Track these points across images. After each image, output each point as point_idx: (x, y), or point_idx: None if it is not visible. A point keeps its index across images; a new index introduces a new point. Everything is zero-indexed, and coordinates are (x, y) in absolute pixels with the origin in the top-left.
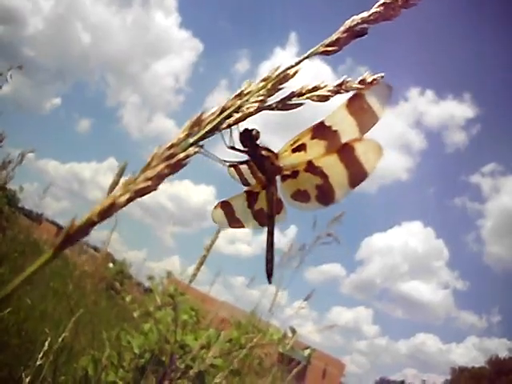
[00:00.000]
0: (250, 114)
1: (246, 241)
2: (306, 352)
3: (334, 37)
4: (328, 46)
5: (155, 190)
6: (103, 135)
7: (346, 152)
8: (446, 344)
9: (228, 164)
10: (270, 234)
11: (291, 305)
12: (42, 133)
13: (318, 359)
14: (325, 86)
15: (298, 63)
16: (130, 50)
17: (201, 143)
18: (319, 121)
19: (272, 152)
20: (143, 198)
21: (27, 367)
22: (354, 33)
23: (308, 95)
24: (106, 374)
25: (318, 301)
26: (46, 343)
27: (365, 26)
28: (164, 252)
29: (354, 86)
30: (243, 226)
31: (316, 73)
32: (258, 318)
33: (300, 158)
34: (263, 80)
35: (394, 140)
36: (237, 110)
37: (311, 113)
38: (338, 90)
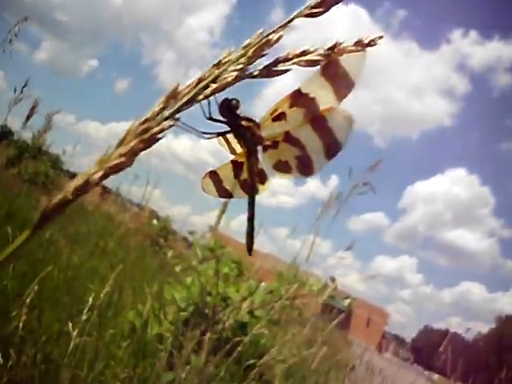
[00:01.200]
0: (228, 84)
1: (288, 192)
2: (346, 302)
3: None
4: (313, 7)
5: (130, 165)
6: (140, 94)
7: (318, 122)
8: (492, 293)
9: (207, 136)
10: (251, 206)
11: (334, 254)
12: (81, 95)
13: (362, 308)
14: (314, 51)
15: (280, 27)
16: (162, 6)
17: (178, 116)
18: (296, 89)
19: (253, 122)
20: (185, 155)
21: (75, 323)
22: None
23: (295, 60)
24: (151, 327)
25: (362, 250)
26: (91, 299)
27: None
28: (207, 206)
29: (349, 48)
30: (231, 196)
31: (353, 17)
32: (300, 268)
33: (281, 126)
34: (244, 47)
35: (436, 84)
36: (214, 81)
37: None
38: (330, 54)
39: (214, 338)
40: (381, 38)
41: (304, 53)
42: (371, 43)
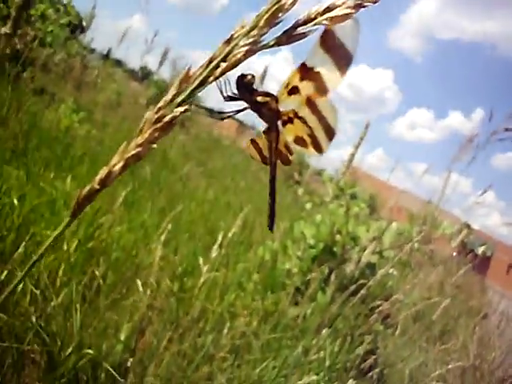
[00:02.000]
0: (240, 61)
1: (428, 126)
2: (482, 248)
3: None
4: None
5: (149, 152)
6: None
7: (312, 105)
8: None
9: (224, 116)
10: (272, 181)
11: (475, 194)
12: (214, 32)
13: (504, 253)
14: (343, 3)
15: None
16: None
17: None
18: (301, 62)
19: (271, 96)
20: None
21: (207, 259)
22: None
23: (320, 19)
24: (281, 263)
25: (506, 190)
26: (220, 237)
27: None
28: (343, 140)
29: None
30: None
31: None
32: (436, 208)
33: (297, 100)
34: (258, 15)
35: None
36: (225, 59)
37: None
38: (362, 3)
39: (340, 276)
40: None
41: (329, 9)
42: None
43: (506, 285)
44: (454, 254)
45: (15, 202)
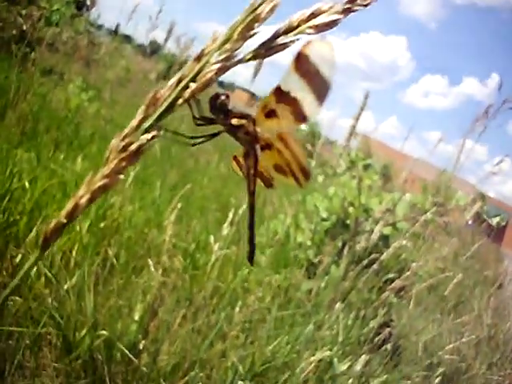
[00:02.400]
0: (211, 80)
1: (442, 93)
2: (496, 220)
3: None
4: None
5: (116, 183)
6: None
7: (284, 141)
8: None
9: (197, 141)
10: (251, 211)
11: (491, 161)
12: (223, 4)
13: None
14: (329, 8)
15: None
16: None
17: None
18: (276, 85)
19: (247, 118)
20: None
21: (217, 236)
22: None
23: (303, 27)
24: (293, 237)
25: None
26: (231, 214)
27: None
28: (356, 109)
29: None
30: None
31: None
32: (451, 177)
33: (274, 124)
34: (231, 27)
35: None
36: (195, 79)
37: None
38: (350, 7)
39: (354, 249)
40: None
41: (313, 15)
42: None
43: None
44: (470, 222)
45: (27, 185)
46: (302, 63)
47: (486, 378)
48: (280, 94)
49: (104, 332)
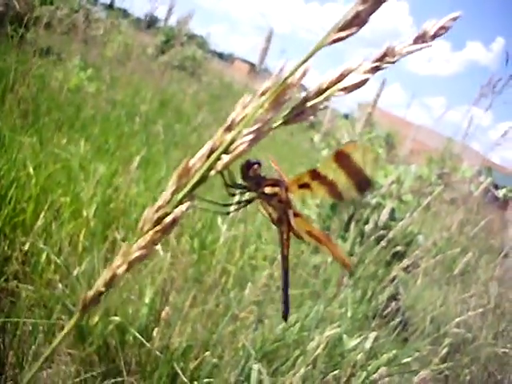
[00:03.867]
0: (244, 152)
1: (444, 58)
2: (502, 192)
3: (350, 13)
4: (341, 30)
5: (152, 253)
6: None
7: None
8: None
9: (230, 210)
10: (285, 274)
11: (495, 127)
12: None
13: None
14: (358, 67)
15: (301, 64)
16: None
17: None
18: (313, 169)
19: (280, 186)
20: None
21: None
22: None
23: (334, 89)
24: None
25: None
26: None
27: None
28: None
29: (407, 49)
30: None
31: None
32: (454, 148)
33: (306, 194)
34: (262, 94)
35: None
36: (227, 150)
37: None
38: (379, 65)
39: (360, 224)
40: (455, 19)
41: (342, 75)
42: (440, 32)
43: None
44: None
45: (31, 171)
46: (343, 159)
47: (491, 348)
48: (317, 175)
49: (116, 318)
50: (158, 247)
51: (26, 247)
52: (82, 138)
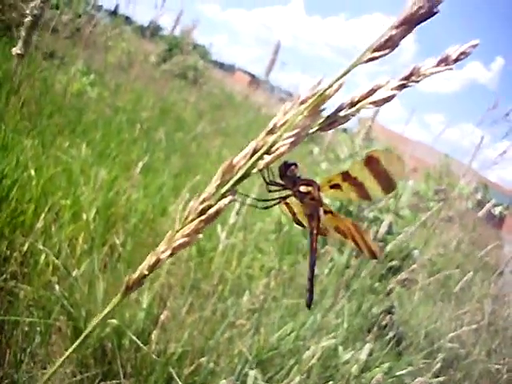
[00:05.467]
0: (283, 154)
1: (445, 76)
2: (498, 209)
3: (384, 36)
4: (376, 50)
5: (195, 242)
6: None
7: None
8: None
9: (265, 205)
10: (311, 267)
11: (492, 145)
12: None
13: None
14: (386, 84)
15: (339, 78)
16: None
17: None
18: (345, 171)
19: (312, 185)
20: (335, 39)
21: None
22: (416, 19)
23: (363, 103)
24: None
25: None
26: (237, 204)
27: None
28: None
29: (431, 70)
30: (304, 226)
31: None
32: (452, 162)
33: (337, 194)
34: (301, 102)
35: None
36: (268, 151)
37: None
38: (406, 83)
39: None
40: (475, 46)
41: (373, 90)
42: (461, 56)
43: None
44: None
45: (32, 173)
46: (372, 164)
47: (484, 365)
48: (348, 177)
49: (114, 320)
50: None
51: (25, 248)
52: (83, 143)
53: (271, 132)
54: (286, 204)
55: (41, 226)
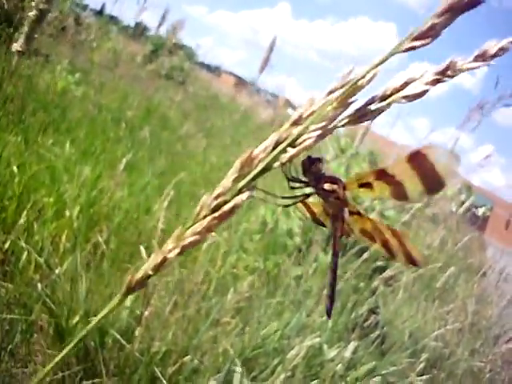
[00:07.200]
0: (310, 146)
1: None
2: (481, 210)
3: (425, 25)
4: (416, 38)
5: (206, 240)
6: None
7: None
8: None
9: (286, 202)
10: (333, 272)
11: (476, 149)
12: None
13: (503, 208)
14: (420, 77)
15: (373, 68)
16: None
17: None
18: (381, 167)
19: (338, 183)
20: (320, 42)
21: None
22: (461, 7)
23: (396, 96)
24: (282, 223)
25: (507, 146)
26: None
27: None
28: None
29: (467, 65)
30: (325, 226)
31: None
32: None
33: (366, 193)
34: (329, 92)
35: None
36: (293, 143)
37: None
38: (440, 78)
39: (342, 236)
40: None
41: (406, 84)
42: (499, 52)
43: (505, 241)
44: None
45: (15, 169)
46: (418, 159)
47: (468, 364)
48: (384, 174)
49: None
50: (142, 250)
51: (7, 245)
52: (67, 140)
53: (296, 123)
54: (303, 203)
55: (23, 223)
